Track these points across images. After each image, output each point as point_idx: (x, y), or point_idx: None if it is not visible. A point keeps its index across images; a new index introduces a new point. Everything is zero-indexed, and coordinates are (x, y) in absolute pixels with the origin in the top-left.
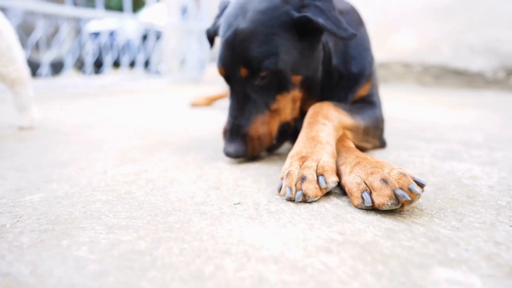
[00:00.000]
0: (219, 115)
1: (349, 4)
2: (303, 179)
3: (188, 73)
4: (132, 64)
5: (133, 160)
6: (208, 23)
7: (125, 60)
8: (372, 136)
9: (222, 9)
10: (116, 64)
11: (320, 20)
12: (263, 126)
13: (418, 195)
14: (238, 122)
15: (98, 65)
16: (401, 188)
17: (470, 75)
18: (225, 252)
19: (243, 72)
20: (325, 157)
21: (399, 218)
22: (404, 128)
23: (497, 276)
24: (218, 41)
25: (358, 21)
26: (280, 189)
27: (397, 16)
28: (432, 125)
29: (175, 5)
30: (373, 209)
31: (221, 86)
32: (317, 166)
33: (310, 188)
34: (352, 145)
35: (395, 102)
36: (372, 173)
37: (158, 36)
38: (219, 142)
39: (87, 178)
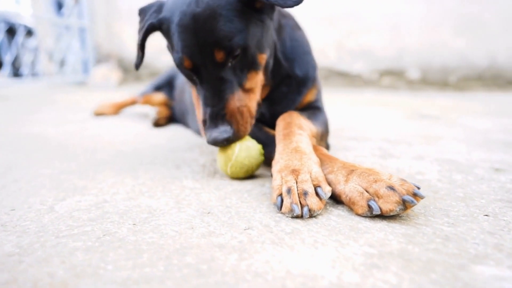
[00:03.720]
0: (137, 124)
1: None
2: (305, 194)
3: (70, 76)
4: None
5: (76, 188)
6: (90, 20)
7: None
8: (324, 141)
9: (158, 6)
10: None
11: None
12: (240, 101)
13: (421, 198)
14: (217, 106)
15: None
16: (407, 194)
17: (351, 76)
18: None
19: (219, 55)
20: (315, 167)
21: (402, 221)
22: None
23: None
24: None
25: (295, 26)
26: (280, 207)
27: None
28: (347, 125)
29: None
30: (375, 215)
31: (112, 90)
32: (310, 178)
33: (314, 202)
34: (327, 152)
35: None
36: (375, 181)
37: (30, 32)
38: (161, 155)
39: (33, 221)
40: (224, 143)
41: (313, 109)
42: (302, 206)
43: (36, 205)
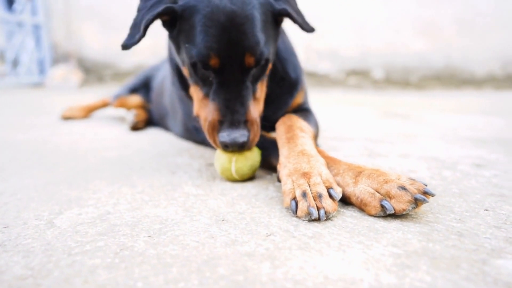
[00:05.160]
0: (112, 128)
1: None
2: (320, 196)
3: (24, 77)
4: None
5: (70, 200)
6: (45, 17)
7: None
8: (316, 141)
9: None
10: None
11: (294, 15)
12: (255, 111)
13: (432, 196)
14: (239, 112)
15: None
16: (418, 193)
17: (319, 76)
18: None
19: (250, 60)
20: (324, 169)
21: (413, 219)
22: None
23: None
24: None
25: (282, 30)
26: (295, 211)
27: None
28: (326, 124)
29: None
30: (387, 215)
31: (74, 92)
32: (321, 180)
33: (329, 204)
34: (328, 154)
35: None
36: (386, 182)
37: None
38: (151, 161)
39: (35, 239)
40: (240, 148)
41: (303, 111)
42: (318, 209)
43: (31, 221)
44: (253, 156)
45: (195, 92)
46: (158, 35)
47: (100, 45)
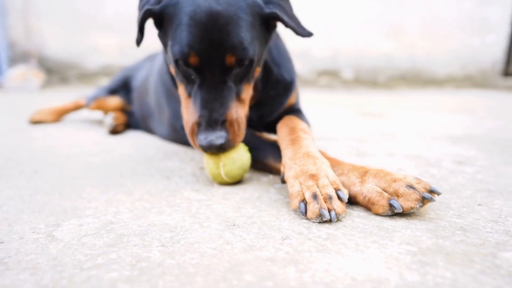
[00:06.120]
0: (88, 132)
1: None
2: (330, 198)
3: None
4: None
5: (65, 210)
6: (1, 14)
7: None
8: None
9: None
10: None
11: (286, 19)
12: (238, 112)
13: (438, 194)
14: (217, 111)
15: None
16: (425, 191)
17: None
18: None
19: (230, 60)
20: (330, 171)
21: (418, 217)
22: None
23: None
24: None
25: (277, 35)
26: (305, 212)
27: None
28: None
29: None
30: (394, 214)
31: (36, 94)
32: (329, 182)
33: (338, 205)
34: (329, 155)
35: None
36: (394, 181)
37: None
38: (140, 166)
39: (38, 254)
40: (218, 149)
41: (296, 112)
42: (329, 211)
43: (28, 234)
44: (240, 156)
45: (181, 91)
46: (124, 35)
47: (64, 44)
